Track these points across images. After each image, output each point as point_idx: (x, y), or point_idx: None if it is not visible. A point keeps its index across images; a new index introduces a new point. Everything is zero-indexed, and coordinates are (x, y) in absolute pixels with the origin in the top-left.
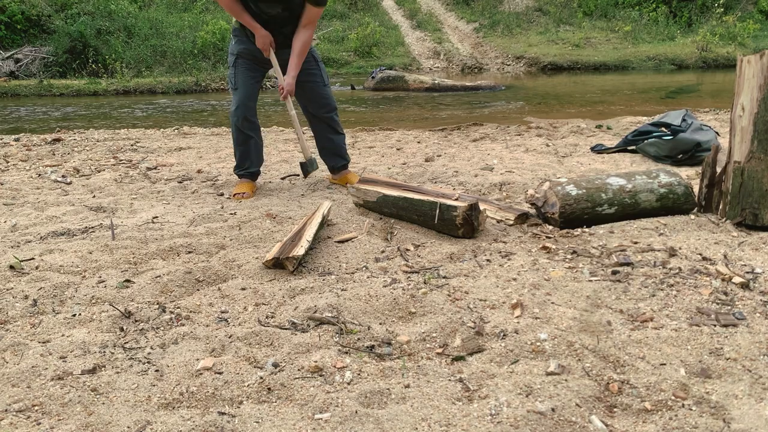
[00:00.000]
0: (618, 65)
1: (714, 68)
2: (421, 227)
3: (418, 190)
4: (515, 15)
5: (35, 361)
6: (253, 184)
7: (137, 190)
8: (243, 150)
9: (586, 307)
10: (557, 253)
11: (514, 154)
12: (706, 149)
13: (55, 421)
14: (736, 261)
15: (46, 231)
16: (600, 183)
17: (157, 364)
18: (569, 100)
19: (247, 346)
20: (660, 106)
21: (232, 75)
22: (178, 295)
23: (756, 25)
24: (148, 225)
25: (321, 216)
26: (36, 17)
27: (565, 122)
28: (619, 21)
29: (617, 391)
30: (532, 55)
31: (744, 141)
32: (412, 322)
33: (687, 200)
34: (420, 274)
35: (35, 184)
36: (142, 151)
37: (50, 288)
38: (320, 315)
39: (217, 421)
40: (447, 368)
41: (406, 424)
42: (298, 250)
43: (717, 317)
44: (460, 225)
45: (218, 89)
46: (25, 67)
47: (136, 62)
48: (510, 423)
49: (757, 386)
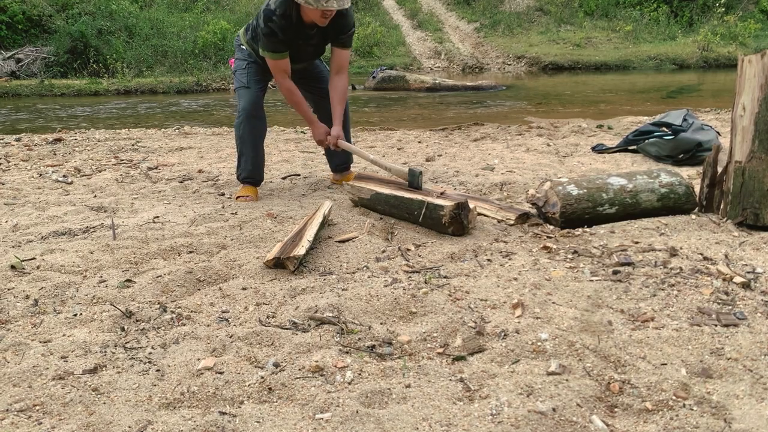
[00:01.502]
0: (619, 65)
1: (715, 68)
2: (422, 227)
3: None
4: (516, 15)
5: (36, 361)
6: (257, 189)
7: (138, 190)
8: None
9: (587, 307)
10: (558, 253)
11: (515, 154)
12: (707, 149)
13: (56, 421)
14: (737, 261)
15: (47, 231)
16: (601, 183)
17: (158, 363)
18: (570, 100)
19: (247, 346)
20: (661, 106)
21: (243, 74)
22: (179, 294)
23: (757, 24)
24: (149, 225)
25: (322, 216)
26: (37, 17)
27: (566, 122)
28: (620, 21)
29: (618, 391)
30: (533, 55)
31: (745, 141)
32: (412, 321)
33: (688, 200)
34: (421, 273)
35: (36, 183)
36: (143, 150)
37: (51, 288)
38: (321, 315)
39: (218, 421)
40: (448, 368)
41: (407, 424)
42: (298, 250)
43: (718, 317)
44: (448, 224)
45: (219, 89)
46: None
47: (137, 62)
48: (511, 423)
49: (758, 386)
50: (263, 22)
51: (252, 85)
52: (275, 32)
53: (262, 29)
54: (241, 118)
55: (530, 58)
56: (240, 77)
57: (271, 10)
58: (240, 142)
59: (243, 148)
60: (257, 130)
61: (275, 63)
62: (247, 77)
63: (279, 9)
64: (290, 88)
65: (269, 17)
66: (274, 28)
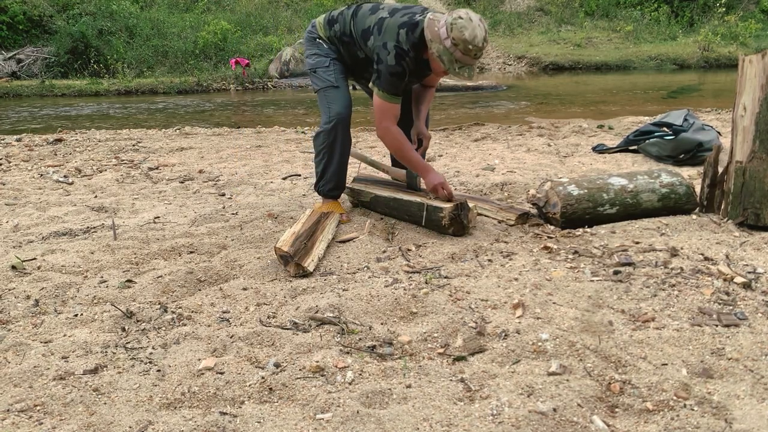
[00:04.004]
0: (619, 65)
1: (715, 68)
2: (422, 227)
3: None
4: (516, 15)
5: (37, 361)
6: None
7: (139, 190)
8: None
9: (588, 307)
10: (559, 253)
11: (516, 154)
12: (707, 149)
13: (56, 421)
14: (738, 261)
15: (47, 231)
16: (601, 183)
17: (158, 364)
18: (571, 100)
19: (248, 346)
20: (661, 106)
21: (329, 73)
22: (179, 295)
23: (758, 24)
24: (149, 225)
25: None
26: (38, 18)
27: (566, 122)
28: (621, 21)
29: (619, 391)
30: (534, 55)
31: (746, 141)
32: (413, 322)
33: (689, 200)
34: (421, 274)
35: (37, 184)
36: (143, 151)
37: (52, 288)
38: (322, 315)
39: (219, 421)
40: (448, 368)
41: (408, 424)
42: (309, 263)
43: (719, 317)
44: (448, 225)
45: (219, 89)
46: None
47: (138, 62)
48: (511, 423)
49: (758, 386)
50: (395, 59)
51: (341, 84)
52: (404, 74)
53: (391, 67)
54: (334, 123)
55: (531, 58)
56: (325, 76)
57: (405, 50)
58: (328, 151)
59: (331, 157)
60: (349, 139)
61: (390, 107)
62: (334, 75)
63: (412, 51)
64: (397, 136)
65: (402, 57)
66: (405, 68)
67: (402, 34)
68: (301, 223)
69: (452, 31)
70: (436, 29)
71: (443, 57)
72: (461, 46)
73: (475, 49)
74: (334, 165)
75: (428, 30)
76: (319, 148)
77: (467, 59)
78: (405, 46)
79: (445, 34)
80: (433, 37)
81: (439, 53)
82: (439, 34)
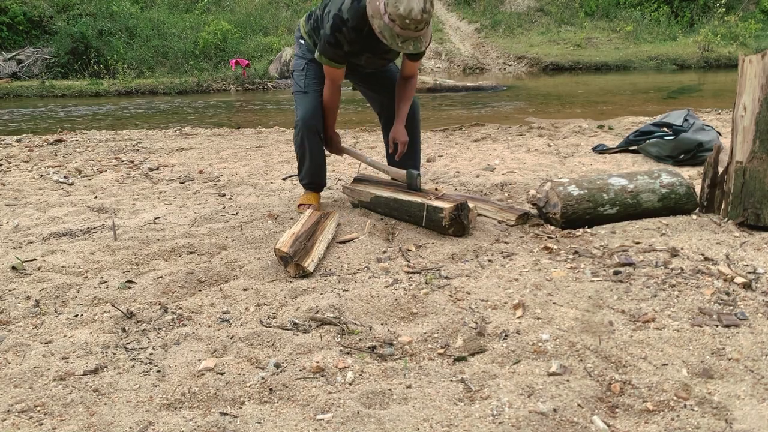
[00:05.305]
0: (619, 65)
1: (716, 68)
2: (423, 227)
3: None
4: (516, 15)
5: (37, 362)
6: (319, 196)
7: (139, 191)
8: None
9: (588, 308)
10: (559, 254)
11: (516, 155)
12: (707, 149)
13: (57, 422)
14: (738, 261)
15: (48, 232)
16: (602, 183)
17: (159, 364)
18: (571, 100)
19: (248, 347)
20: (662, 106)
21: (301, 77)
22: (179, 295)
23: (758, 24)
24: (149, 225)
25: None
26: (38, 18)
27: (566, 122)
28: (621, 21)
29: (619, 392)
30: (534, 55)
31: (746, 141)
32: (413, 322)
33: (689, 200)
34: (421, 274)
35: (37, 184)
36: (143, 151)
37: (52, 289)
38: (322, 315)
39: (219, 422)
40: (449, 369)
41: (408, 424)
42: (308, 264)
43: (719, 317)
44: (448, 225)
45: (220, 90)
46: (27, 68)
47: (138, 63)
48: (512, 423)
49: (759, 387)
50: (330, 29)
51: (310, 89)
52: (340, 44)
53: (326, 36)
54: (299, 128)
55: (531, 59)
56: (297, 80)
57: (343, 19)
58: (299, 151)
59: (303, 157)
60: (317, 141)
61: (331, 71)
62: (305, 80)
63: (352, 21)
64: (333, 98)
65: (338, 27)
66: (341, 39)
67: (347, 2)
68: (300, 223)
69: (388, 6)
70: (377, 4)
71: (384, 33)
72: (398, 21)
73: (413, 23)
74: (306, 164)
75: (370, 5)
76: (295, 147)
77: (408, 33)
78: (345, 15)
79: (383, 10)
80: (374, 13)
81: (381, 29)
82: (378, 9)
